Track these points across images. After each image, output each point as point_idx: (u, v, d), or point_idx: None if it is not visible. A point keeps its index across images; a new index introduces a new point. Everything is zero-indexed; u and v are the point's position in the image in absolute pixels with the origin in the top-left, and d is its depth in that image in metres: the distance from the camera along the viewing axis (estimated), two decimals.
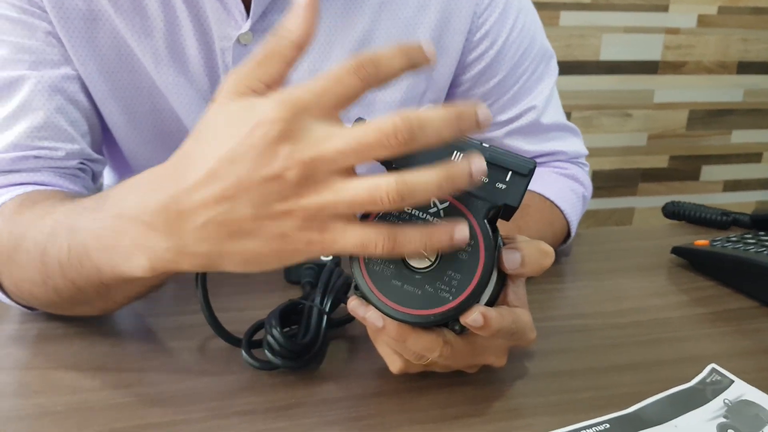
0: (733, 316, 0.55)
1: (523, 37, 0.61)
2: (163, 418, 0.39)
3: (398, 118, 0.31)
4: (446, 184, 0.32)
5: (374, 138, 0.31)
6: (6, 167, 0.50)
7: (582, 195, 0.66)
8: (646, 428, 0.40)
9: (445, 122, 0.32)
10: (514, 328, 0.39)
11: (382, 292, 0.36)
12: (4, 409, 0.40)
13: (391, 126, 0.31)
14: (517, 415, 0.41)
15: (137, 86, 0.54)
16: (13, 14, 0.48)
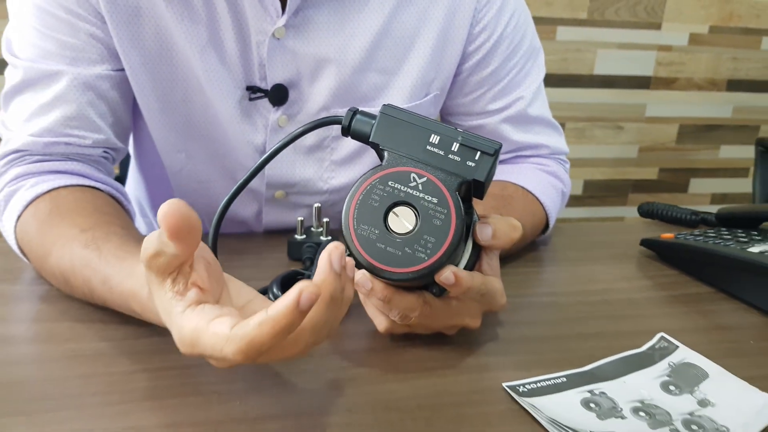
0: (690, 299, 0.61)
1: (516, 33, 0.68)
2: (179, 362, 0.45)
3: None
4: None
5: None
6: (40, 151, 0.56)
7: (561, 191, 0.72)
8: (598, 382, 0.46)
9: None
10: (483, 290, 0.45)
11: (368, 253, 0.42)
12: (40, 352, 0.46)
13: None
14: (486, 369, 0.47)
15: (174, 77, 0.60)
16: (62, 14, 0.55)
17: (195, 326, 0.34)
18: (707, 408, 0.44)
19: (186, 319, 0.35)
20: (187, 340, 0.34)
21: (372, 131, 0.45)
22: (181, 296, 0.35)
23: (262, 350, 0.32)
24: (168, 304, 0.36)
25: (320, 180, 0.68)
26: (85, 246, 0.47)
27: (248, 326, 0.32)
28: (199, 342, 0.34)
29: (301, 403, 0.42)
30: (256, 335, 0.32)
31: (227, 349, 0.32)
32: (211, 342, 0.33)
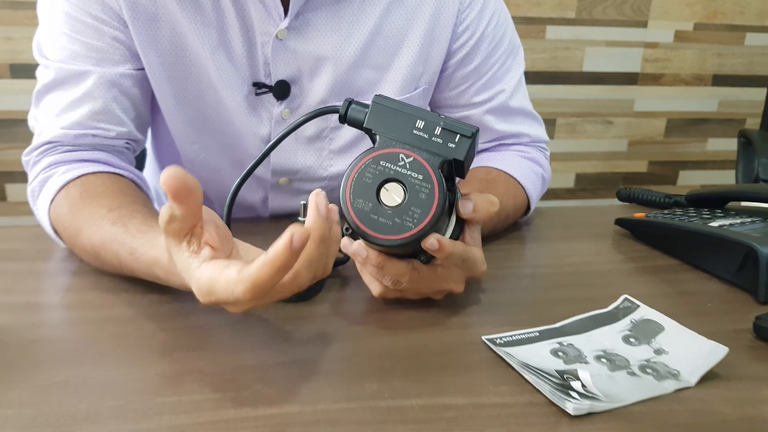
0: (657, 270, 0.68)
1: (496, 32, 0.74)
2: (198, 322, 0.52)
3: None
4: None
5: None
6: (70, 142, 0.63)
7: (541, 175, 0.78)
8: (566, 336, 0.52)
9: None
10: (465, 256, 0.52)
11: (363, 223, 0.49)
12: (75, 317, 0.53)
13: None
14: (468, 326, 0.54)
15: (188, 75, 0.66)
16: (88, 20, 0.62)
17: (210, 276, 0.40)
18: (662, 355, 0.50)
19: (201, 271, 0.41)
20: (205, 288, 0.41)
21: (365, 118, 0.52)
22: (196, 254, 0.42)
23: (266, 288, 0.38)
24: (186, 262, 0.42)
25: (320, 168, 0.74)
26: (113, 223, 0.53)
27: (252, 268, 0.38)
28: (214, 289, 0.40)
29: (306, 353, 0.49)
30: (260, 275, 0.38)
31: (237, 289, 0.39)
32: (224, 286, 0.39)
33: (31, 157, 0.64)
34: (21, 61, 1.52)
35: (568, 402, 0.43)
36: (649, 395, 0.46)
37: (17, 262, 0.62)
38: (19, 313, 0.53)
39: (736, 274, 0.64)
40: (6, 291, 0.56)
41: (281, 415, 0.42)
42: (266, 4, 0.64)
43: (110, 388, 0.44)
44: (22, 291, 0.57)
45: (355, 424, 0.41)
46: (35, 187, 0.62)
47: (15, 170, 1.59)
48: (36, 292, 0.58)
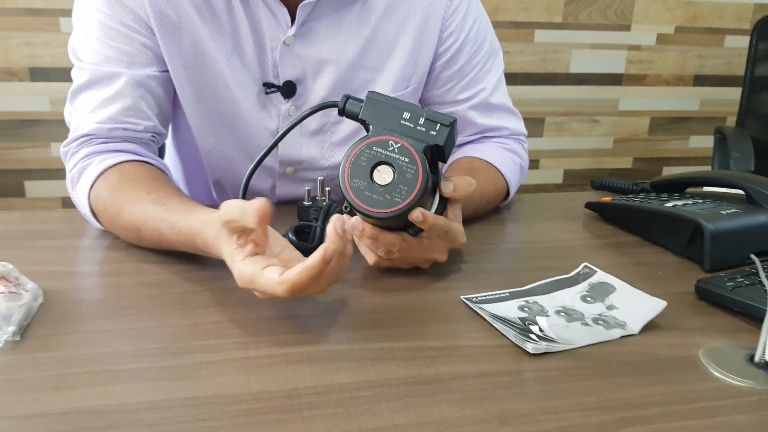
0: (619, 245, 0.77)
1: (477, 37, 0.83)
2: (224, 285, 0.61)
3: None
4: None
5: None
6: (104, 135, 0.72)
7: (519, 164, 0.88)
8: (533, 296, 0.62)
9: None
10: (447, 228, 0.61)
11: (359, 200, 0.58)
12: (114, 282, 0.62)
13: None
14: (450, 289, 0.63)
15: (206, 77, 0.75)
16: (120, 28, 0.71)
17: (252, 271, 0.50)
18: (612, 311, 0.60)
19: (244, 265, 0.51)
20: (246, 278, 0.50)
21: (360, 111, 0.61)
22: (242, 248, 0.52)
23: (301, 289, 0.49)
24: (232, 252, 0.52)
25: (322, 158, 0.84)
26: (153, 203, 0.63)
27: (292, 273, 0.48)
28: (255, 282, 0.50)
29: (312, 309, 0.58)
30: (298, 279, 0.48)
31: (278, 289, 0.49)
32: (265, 283, 0.49)
33: (69, 149, 0.73)
34: (39, 64, 1.61)
35: (528, 343, 0.52)
36: (598, 340, 0.55)
37: (56, 240, 0.71)
38: (64, 279, 0.62)
39: (686, 247, 0.73)
40: (50, 263, 0.65)
41: (292, 353, 0.51)
42: (275, 14, 0.73)
43: (150, 334, 0.53)
44: (64, 263, 0.66)
45: (352, 360, 0.50)
46: (75, 175, 0.71)
47: (33, 168, 1.68)
48: (76, 263, 0.67)
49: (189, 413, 0.43)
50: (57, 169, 1.69)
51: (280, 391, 0.46)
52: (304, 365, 0.49)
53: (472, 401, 0.46)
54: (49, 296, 0.57)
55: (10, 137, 1.65)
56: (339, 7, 0.76)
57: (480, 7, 0.84)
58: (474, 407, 0.45)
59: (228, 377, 0.47)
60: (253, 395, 0.46)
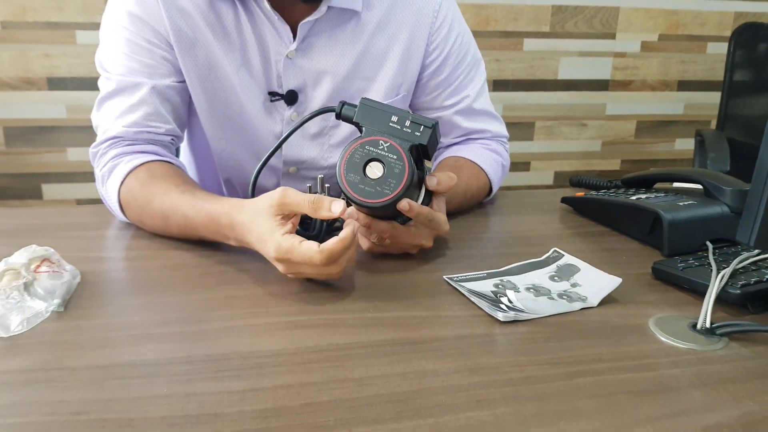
0: (589, 234, 0.85)
1: (461, 49, 0.92)
2: (238, 267, 0.69)
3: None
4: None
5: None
6: (130, 137, 0.81)
7: (501, 163, 0.96)
8: (506, 276, 0.70)
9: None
10: (431, 217, 0.70)
11: (354, 191, 0.66)
12: (141, 265, 0.71)
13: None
14: (434, 270, 0.71)
15: (218, 87, 0.84)
16: (143, 43, 0.80)
17: (291, 243, 0.60)
18: (576, 288, 0.68)
19: (284, 239, 0.61)
20: (284, 249, 0.60)
21: (355, 115, 0.70)
22: (283, 226, 0.62)
23: (336, 257, 0.60)
24: (271, 227, 0.62)
25: (322, 159, 0.93)
26: (182, 193, 0.72)
27: (329, 244, 0.59)
28: (292, 252, 0.60)
29: (314, 287, 0.66)
30: (335, 248, 0.59)
31: (316, 257, 0.59)
32: (304, 252, 0.60)
33: (98, 150, 0.82)
34: (57, 74, 1.70)
35: (499, 312, 0.61)
36: (561, 311, 0.63)
37: (86, 231, 0.80)
38: (97, 263, 0.71)
39: (648, 235, 0.82)
40: (83, 249, 0.74)
41: (296, 321, 0.59)
42: (279, 31, 0.82)
43: (175, 307, 0.62)
44: (95, 249, 0.75)
45: (348, 326, 0.59)
46: (105, 173, 0.80)
47: (51, 171, 1.78)
48: (105, 250, 0.76)
49: (210, 366, 0.52)
50: (73, 172, 1.78)
51: (286, 350, 0.55)
52: (307, 330, 0.58)
53: (447, 357, 0.55)
54: (85, 276, 0.66)
55: (28, 143, 1.74)
56: (335, 24, 0.85)
57: (462, 22, 0.93)
58: (449, 362, 0.54)
59: (242, 339, 0.56)
60: (263, 353, 0.54)
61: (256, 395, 0.48)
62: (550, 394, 0.51)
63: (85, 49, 1.69)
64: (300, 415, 0.46)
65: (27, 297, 0.60)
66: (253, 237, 0.64)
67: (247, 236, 0.64)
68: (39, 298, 0.60)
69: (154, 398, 0.48)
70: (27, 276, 0.61)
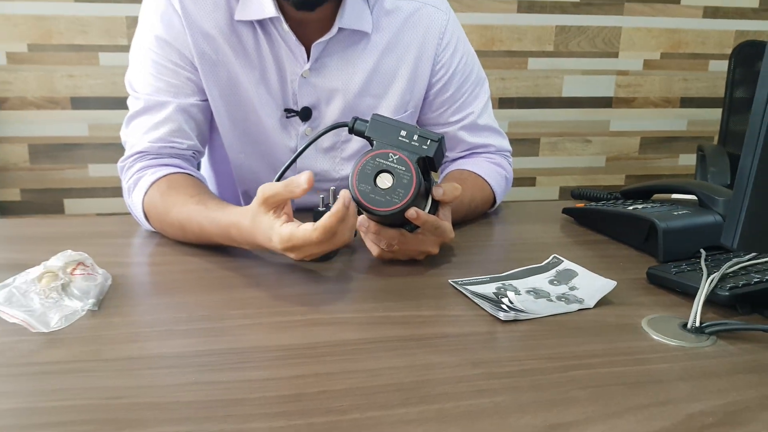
0: (588, 242, 0.90)
1: (465, 69, 0.98)
2: (255, 272, 0.74)
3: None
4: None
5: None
6: (155, 152, 0.87)
7: (504, 176, 1.01)
8: (508, 280, 0.75)
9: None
10: (437, 224, 0.74)
11: (365, 200, 0.71)
12: (165, 269, 0.76)
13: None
14: (440, 275, 0.76)
15: (238, 104, 0.90)
16: (169, 65, 0.86)
17: (290, 229, 0.65)
18: (573, 291, 0.72)
19: (283, 228, 0.65)
20: (285, 236, 0.65)
21: (366, 129, 0.75)
22: (278, 218, 0.66)
23: (331, 232, 0.63)
24: (270, 222, 0.66)
25: (334, 171, 0.98)
26: (196, 204, 0.77)
27: (323, 219, 0.63)
28: (293, 237, 0.64)
29: (327, 288, 0.71)
30: (329, 222, 0.63)
31: (314, 235, 0.63)
32: (302, 235, 0.64)
33: (126, 163, 0.87)
34: (80, 94, 1.78)
35: (500, 312, 0.65)
36: (559, 311, 0.67)
37: (114, 239, 0.86)
38: (125, 267, 0.76)
39: (645, 243, 0.86)
40: (112, 255, 0.79)
41: (311, 319, 0.64)
42: (294, 52, 0.88)
43: (198, 305, 0.66)
44: (124, 255, 0.80)
45: (359, 323, 0.64)
46: (131, 184, 0.85)
47: (73, 187, 1.84)
48: (133, 256, 0.81)
49: (232, 358, 0.57)
50: (93, 188, 1.84)
51: (302, 344, 0.59)
52: (321, 327, 0.63)
53: (451, 352, 0.59)
54: (115, 279, 0.71)
55: (52, 159, 1.81)
56: (347, 45, 0.90)
57: (467, 43, 0.99)
58: (453, 356, 0.58)
59: (261, 334, 0.61)
60: (281, 347, 0.59)
61: (277, 383, 0.53)
62: (546, 384, 0.55)
63: (107, 70, 1.76)
64: (317, 401, 0.51)
65: (64, 297, 0.65)
66: (260, 238, 0.69)
67: (256, 239, 0.69)
68: (75, 298, 0.65)
69: (182, 385, 0.52)
70: (64, 278, 0.67)
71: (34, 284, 0.66)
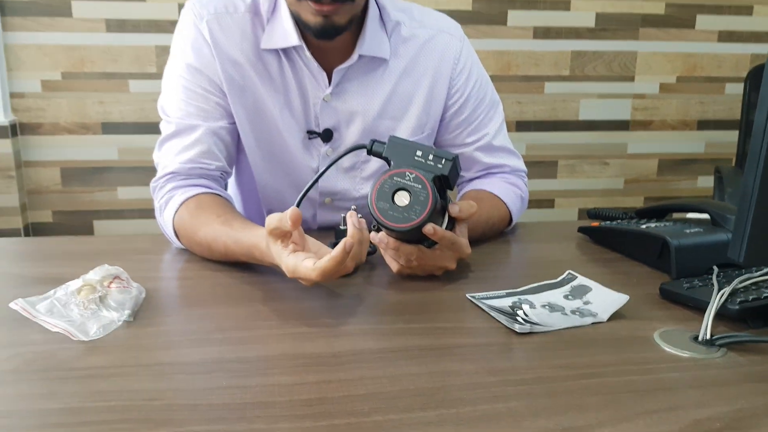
0: (603, 260, 0.92)
1: (480, 92, 1.02)
2: (279, 288, 0.78)
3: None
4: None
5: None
6: (186, 173, 0.91)
7: (520, 195, 1.04)
8: (524, 294, 0.77)
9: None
10: (454, 240, 0.77)
11: (384, 217, 0.74)
12: (195, 283, 0.79)
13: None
14: (457, 290, 0.78)
15: (264, 127, 0.95)
16: (199, 90, 0.91)
17: (294, 262, 0.67)
18: (587, 305, 0.75)
19: (288, 259, 0.68)
20: (290, 269, 0.68)
21: (384, 150, 0.79)
22: (286, 248, 0.69)
23: (330, 274, 0.66)
24: (279, 251, 0.69)
25: (354, 190, 1.02)
26: (222, 224, 0.81)
27: (322, 262, 0.65)
28: (297, 271, 0.67)
29: (348, 303, 0.74)
30: (327, 266, 0.65)
31: (313, 274, 0.66)
32: (303, 271, 0.66)
33: (158, 184, 0.92)
34: (110, 120, 1.85)
35: (516, 324, 0.68)
36: (573, 324, 0.70)
37: (147, 255, 0.90)
38: (158, 282, 0.80)
39: (658, 260, 0.88)
40: (145, 270, 0.83)
41: (334, 330, 0.67)
42: (317, 77, 0.93)
43: (227, 317, 0.70)
44: (156, 271, 0.84)
45: (380, 334, 0.67)
46: (162, 204, 0.90)
47: (101, 209, 1.91)
48: (164, 271, 0.85)
49: (261, 364, 0.60)
50: (122, 209, 1.91)
51: (326, 353, 0.62)
52: (343, 337, 0.66)
53: (469, 361, 0.62)
54: (149, 292, 0.75)
55: (82, 182, 1.88)
56: (366, 71, 0.95)
57: (481, 68, 1.03)
58: (470, 365, 0.61)
59: (287, 343, 0.64)
60: (306, 355, 0.62)
61: (303, 388, 0.56)
62: (559, 391, 0.57)
63: (136, 96, 1.83)
64: (340, 404, 0.54)
65: (102, 308, 0.69)
66: (275, 261, 0.72)
67: (273, 261, 0.73)
68: (112, 309, 0.69)
69: (215, 389, 0.56)
70: (101, 290, 0.71)
71: (73, 296, 0.71)
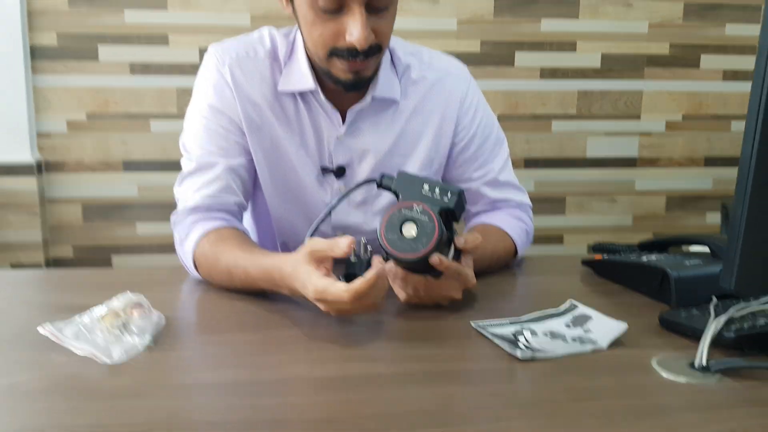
0: (605, 291, 0.95)
1: (485, 130, 1.07)
2: (296, 315, 0.82)
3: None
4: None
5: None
6: (206, 207, 0.96)
7: (525, 229, 1.08)
8: (526, 323, 0.80)
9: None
10: (459, 270, 0.81)
11: (392, 247, 0.78)
12: (214, 309, 0.84)
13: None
14: (462, 318, 0.82)
15: (280, 164, 1.00)
16: (220, 129, 0.97)
17: (325, 284, 0.72)
18: (587, 333, 0.77)
19: (319, 280, 0.72)
20: (320, 289, 0.72)
21: (393, 184, 0.83)
22: (317, 269, 0.74)
23: (362, 295, 0.70)
24: (308, 272, 0.74)
25: (365, 224, 1.06)
26: (243, 251, 0.85)
27: (356, 284, 0.70)
28: (326, 291, 0.71)
29: (359, 330, 0.78)
30: (360, 288, 0.70)
31: (345, 295, 0.70)
32: (335, 292, 0.71)
33: (178, 217, 0.97)
34: (131, 158, 1.93)
35: (518, 350, 0.71)
36: (574, 351, 0.73)
37: (166, 286, 0.94)
38: (177, 310, 0.84)
39: (658, 292, 0.90)
40: (165, 300, 0.87)
41: (345, 355, 0.71)
42: (331, 117, 0.99)
43: (243, 342, 0.74)
44: (174, 300, 0.89)
45: (388, 359, 0.70)
46: (182, 237, 0.95)
47: (121, 244, 1.96)
48: (183, 300, 0.90)
49: (276, 386, 0.63)
50: (140, 245, 1.96)
51: (336, 376, 0.66)
52: (352, 362, 0.69)
53: (471, 384, 0.65)
54: (168, 320, 0.79)
55: (103, 218, 1.95)
56: (378, 111, 1.01)
57: (486, 107, 1.08)
58: (473, 387, 0.64)
59: (300, 367, 0.68)
60: (318, 377, 0.65)
61: (314, 407, 0.60)
62: (559, 413, 0.60)
63: (157, 136, 1.91)
64: (349, 422, 0.57)
65: (125, 333, 0.73)
66: (298, 283, 0.76)
67: (294, 283, 0.77)
68: (134, 335, 0.73)
69: (232, 407, 0.59)
70: (124, 317, 0.75)
71: (98, 322, 0.75)
